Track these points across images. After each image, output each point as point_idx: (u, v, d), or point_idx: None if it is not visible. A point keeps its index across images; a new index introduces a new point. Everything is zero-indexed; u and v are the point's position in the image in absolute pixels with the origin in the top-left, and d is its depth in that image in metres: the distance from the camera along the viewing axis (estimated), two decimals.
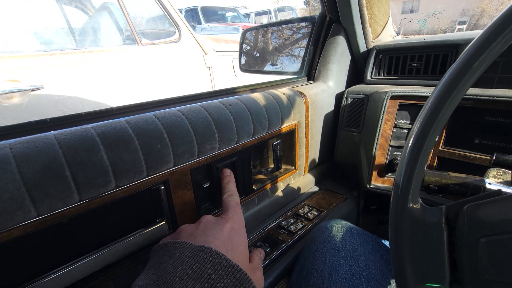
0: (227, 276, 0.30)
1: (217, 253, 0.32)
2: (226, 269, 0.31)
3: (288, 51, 1.03)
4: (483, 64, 0.28)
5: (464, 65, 0.29)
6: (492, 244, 0.26)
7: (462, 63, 0.29)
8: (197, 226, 0.39)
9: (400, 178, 0.32)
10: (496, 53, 0.28)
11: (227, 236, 0.38)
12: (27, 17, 1.75)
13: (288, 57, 1.03)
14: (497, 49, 0.28)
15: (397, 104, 0.72)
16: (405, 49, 0.78)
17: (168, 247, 0.34)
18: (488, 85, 0.68)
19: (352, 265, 0.52)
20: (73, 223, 0.41)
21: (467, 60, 0.29)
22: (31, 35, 1.77)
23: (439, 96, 0.30)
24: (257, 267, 0.41)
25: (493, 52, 0.28)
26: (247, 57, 1.18)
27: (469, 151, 0.67)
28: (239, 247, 0.38)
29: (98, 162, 0.40)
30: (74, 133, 0.41)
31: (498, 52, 0.28)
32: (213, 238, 0.36)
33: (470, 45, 0.29)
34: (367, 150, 0.77)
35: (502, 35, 0.27)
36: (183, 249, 0.33)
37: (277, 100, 0.69)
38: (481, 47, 0.28)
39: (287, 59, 1.04)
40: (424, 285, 0.30)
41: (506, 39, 0.27)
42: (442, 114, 0.30)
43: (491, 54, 0.28)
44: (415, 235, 0.30)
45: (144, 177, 0.46)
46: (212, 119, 0.55)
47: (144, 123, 0.47)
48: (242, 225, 0.43)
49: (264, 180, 0.74)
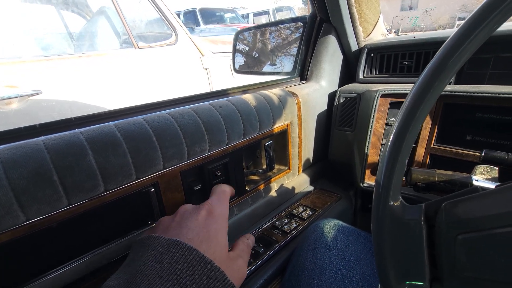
0: (198, 271, 0.29)
1: (188, 247, 0.30)
2: (198, 264, 0.29)
3: (281, 52, 1.04)
4: (459, 60, 0.28)
5: (439, 63, 0.29)
6: (469, 241, 0.26)
7: (438, 60, 0.29)
8: (174, 218, 0.38)
9: (380, 176, 0.32)
10: (473, 49, 0.28)
11: (202, 225, 0.36)
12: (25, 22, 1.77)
13: (281, 58, 1.04)
14: (474, 45, 0.28)
15: (388, 102, 0.73)
16: (396, 47, 0.78)
17: (143, 242, 0.33)
18: (479, 82, 0.68)
19: (343, 264, 0.52)
20: (62, 227, 0.42)
21: (442, 57, 0.29)
22: (29, 40, 1.78)
23: (416, 94, 0.30)
24: (240, 255, 0.39)
25: (470, 47, 0.28)
26: (240, 59, 1.18)
27: (461, 148, 0.67)
28: (216, 236, 0.36)
29: (86, 166, 0.41)
30: (62, 138, 0.42)
31: (475, 47, 0.28)
32: (187, 229, 0.35)
33: (447, 42, 0.30)
34: (359, 149, 0.77)
35: (476, 32, 0.27)
36: (156, 244, 0.31)
37: (268, 101, 0.69)
38: (456, 44, 0.29)
39: (280, 60, 1.04)
40: (405, 283, 0.30)
41: (481, 36, 0.27)
42: (420, 111, 0.30)
43: (468, 49, 0.28)
44: (395, 233, 0.31)
45: (133, 180, 0.47)
46: (201, 121, 0.55)
47: (132, 127, 0.47)
48: (222, 212, 0.41)
49: (258, 181, 0.74)
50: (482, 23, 0.26)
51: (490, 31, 0.26)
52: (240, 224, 0.68)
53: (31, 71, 1.59)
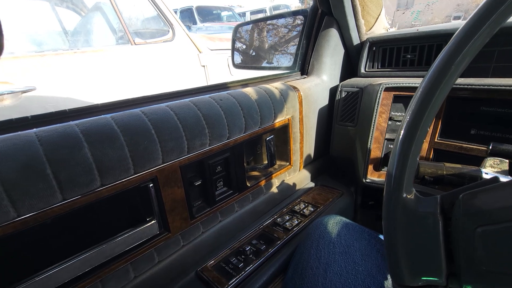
0: None
1: None
2: None
3: (281, 46, 1.02)
4: (470, 50, 0.27)
5: (452, 53, 0.28)
6: (489, 233, 0.25)
7: (451, 51, 0.28)
8: None
9: (393, 168, 0.30)
10: (483, 41, 0.27)
11: None
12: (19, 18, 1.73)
13: (282, 52, 1.02)
14: (484, 37, 0.27)
15: (391, 96, 0.71)
16: (399, 41, 0.77)
17: None
18: (483, 75, 0.67)
19: (347, 261, 0.51)
20: (56, 223, 0.40)
21: (455, 48, 0.28)
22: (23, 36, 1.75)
23: (430, 82, 0.29)
24: None
25: (481, 39, 0.27)
26: (240, 54, 1.16)
27: (465, 142, 0.66)
28: None
29: (81, 159, 0.39)
30: (56, 130, 0.40)
31: (485, 39, 0.27)
32: None
33: (457, 33, 0.29)
34: (362, 144, 0.76)
35: (488, 22, 0.26)
36: None
37: (269, 95, 0.68)
38: (467, 34, 0.28)
39: (280, 54, 1.02)
40: (420, 279, 0.29)
41: (492, 27, 0.26)
42: (434, 100, 0.29)
43: (479, 40, 0.27)
44: (410, 227, 0.29)
45: (132, 175, 0.45)
46: (202, 115, 0.53)
47: (130, 119, 0.45)
48: None
49: (258, 177, 0.72)
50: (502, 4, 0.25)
51: (509, 13, 0.25)
52: (241, 220, 0.67)
53: (25, 67, 1.56)
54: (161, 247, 0.52)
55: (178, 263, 0.55)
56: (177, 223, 0.54)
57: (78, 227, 0.43)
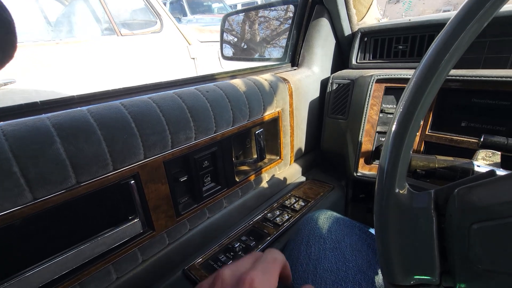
0: None
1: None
2: None
3: (271, 36, 0.99)
4: (464, 39, 0.26)
5: (446, 42, 0.26)
6: (485, 230, 0.24)
7: (443, 40, 0.27)
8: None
9: (385, 162, 0.29)
10: (478, 29, 0.25)
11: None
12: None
13: (272, 43, 0.99)
14: (478, 25, 0.25)
15: (382, 88, 0.70)
16: (391, 31, 0.75)
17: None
18: (475, 66, 0.66)
19: (338, 257, 0.50)
20: (27, 224, 0.37)
21: (447, 37, 0.27)
22: None
23: (424, 72, 0.28)
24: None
25: (474, 28, 0.25)
26: (229, 45, 1.12)
27: (456, 135, 0.65)
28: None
29: (53, 155, 0.36)
30: (25, 123, 0.36)
31: (480, 28, 0.26)
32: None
33: (450, 22, 0.27)
34: (353, 137, 0.74)
35: (483, 10, 0.24)
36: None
37: (258, 87, 0.65)
38: (461, 23, 0.26)
39: (270, 45, 1.00)
40: (413, 278, 0.28)
41: (485, 16, 0.25)
42: (428, 91, 0.27)
43: (472, 30, 0.25)
44: (402, 223, 0.28)
45: (110, 171, 0.42)
46: (186, 107, 0.51)
47: (108, 112, 0.42)
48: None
49: (248, 171, 0.70)
50: None
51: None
52: (230, 217, 0.65)
53: None
54: (145, 246, 0.50)
55: (164, 262, 0.53)
56: (162, 221, 0.51)
57: (53, 227, 0.40)
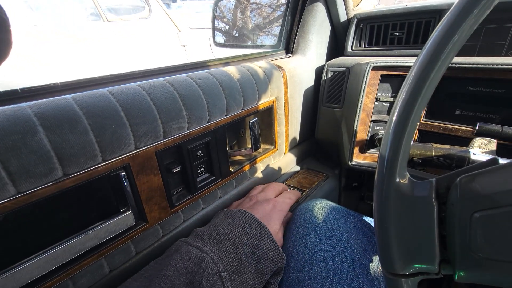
0: (255, 228, 0.49)
1: (253, 216, 0.51)
2: (255, 225, 0.49)
3: (265, 22, 0.96)
4: (468, 25, 0.25)
5: (448, 29, 0.25)
6: (487, 219, 0.23)
7: (447, 27, 0.25)
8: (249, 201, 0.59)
9: (385, 151, 0.28)
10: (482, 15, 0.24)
11: (267, 213, 0.54)
12: None
13: (266, 29, 0.96)
14: (484, 9, 0.24)
15: (378, 76, 0.69)
16: (387, 17, 0.74)
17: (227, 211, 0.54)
18: (470, 53, 0.66)
19: (334, 245, 0.50)
20: (11, 219, 0.35)
21: (451, 24, 0.25)
22: None
23: (427, 58, 0.27)
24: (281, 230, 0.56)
25: (481, 12, 0.24)
26: (221, 31, 1.09)
27: (450, 123, 0.65)
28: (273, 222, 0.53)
29: (36, 146, 0.34)
30: (4, 112, 0.34)
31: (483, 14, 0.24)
32: (257, 211, 0.53)
33: (453, 7, 0.26)
34: (348, 126, 0.74)
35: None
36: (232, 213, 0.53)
37: (252, 74, 0.63)
38: (466, 7, 0.25)
39: (264, 31, 0.97)
40: (412, 267, 0.27)
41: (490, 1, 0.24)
42: (431, 79, 0.27)
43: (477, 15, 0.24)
44: (403, 212, 0.27)
45: (99, 163, 0.40)
46: (178, 95, 0.49)
47: (95, 100, 0.40)
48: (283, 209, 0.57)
49: (242, 161, 0.69)
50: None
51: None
52: (224, 207, 0.64)
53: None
54: (138, 239, 0.49)
55: (158, 254, 0.51)
56: (155, 213, 0.50)
57: (40, 222, 0.39)
